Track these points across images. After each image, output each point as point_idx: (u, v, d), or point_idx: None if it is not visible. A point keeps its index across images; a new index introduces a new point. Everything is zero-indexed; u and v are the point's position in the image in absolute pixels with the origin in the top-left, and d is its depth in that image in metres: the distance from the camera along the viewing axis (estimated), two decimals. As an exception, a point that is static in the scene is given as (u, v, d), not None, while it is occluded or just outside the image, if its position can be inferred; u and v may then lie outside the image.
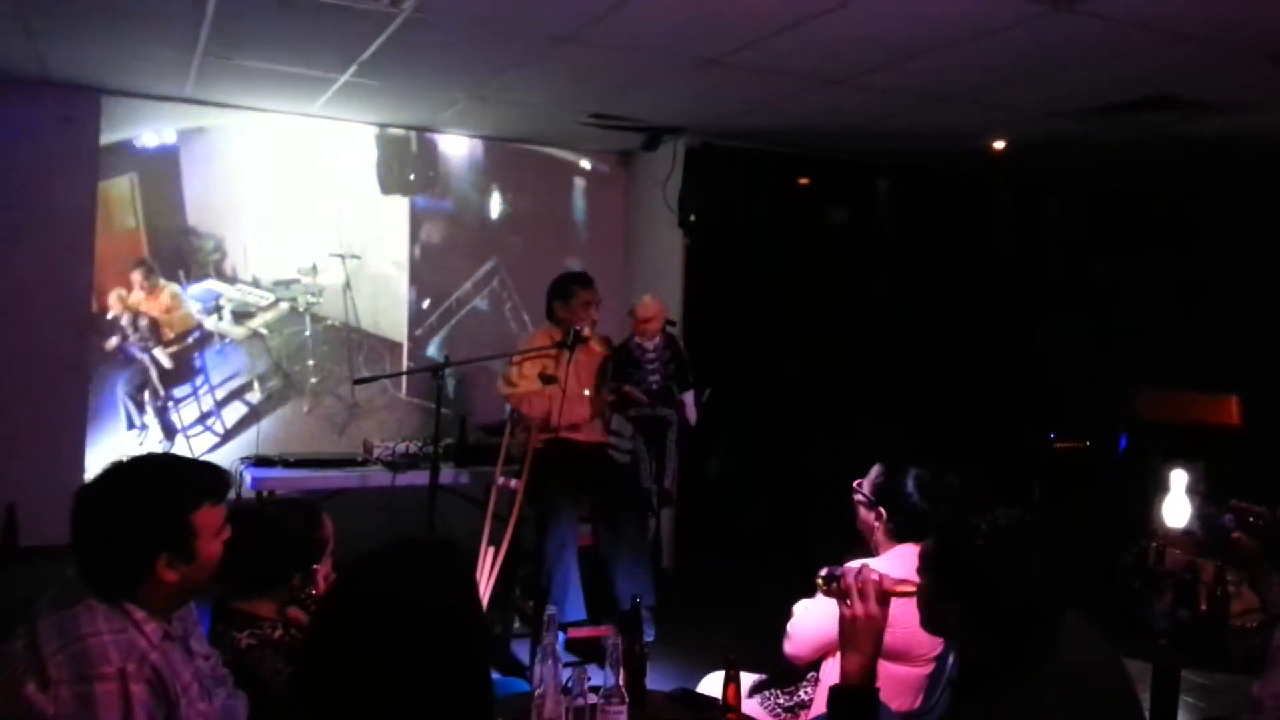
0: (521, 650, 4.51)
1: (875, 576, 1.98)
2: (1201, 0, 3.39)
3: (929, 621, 1.88)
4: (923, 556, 1.88)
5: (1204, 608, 2.97)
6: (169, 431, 5.84)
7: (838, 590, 1.99)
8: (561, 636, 4.05)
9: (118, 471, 1.83)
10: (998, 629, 1.74)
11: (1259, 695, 2.32)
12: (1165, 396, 6.28)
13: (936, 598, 1.82)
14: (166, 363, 5.83)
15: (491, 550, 4.25)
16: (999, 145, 5.80)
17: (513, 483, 4.48)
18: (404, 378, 6.34)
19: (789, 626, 2.66)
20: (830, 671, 2.64)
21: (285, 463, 4.79)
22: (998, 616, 1.73)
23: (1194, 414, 6.07)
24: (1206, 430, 6.02)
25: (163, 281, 5.80)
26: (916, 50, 4.08)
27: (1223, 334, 6.81)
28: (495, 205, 6.68)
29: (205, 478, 1.90)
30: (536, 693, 2.19)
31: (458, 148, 6.53)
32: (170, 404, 5.86)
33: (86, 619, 1.71)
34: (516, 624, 4.77)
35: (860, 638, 1.94)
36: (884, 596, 1.96)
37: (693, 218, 6.03)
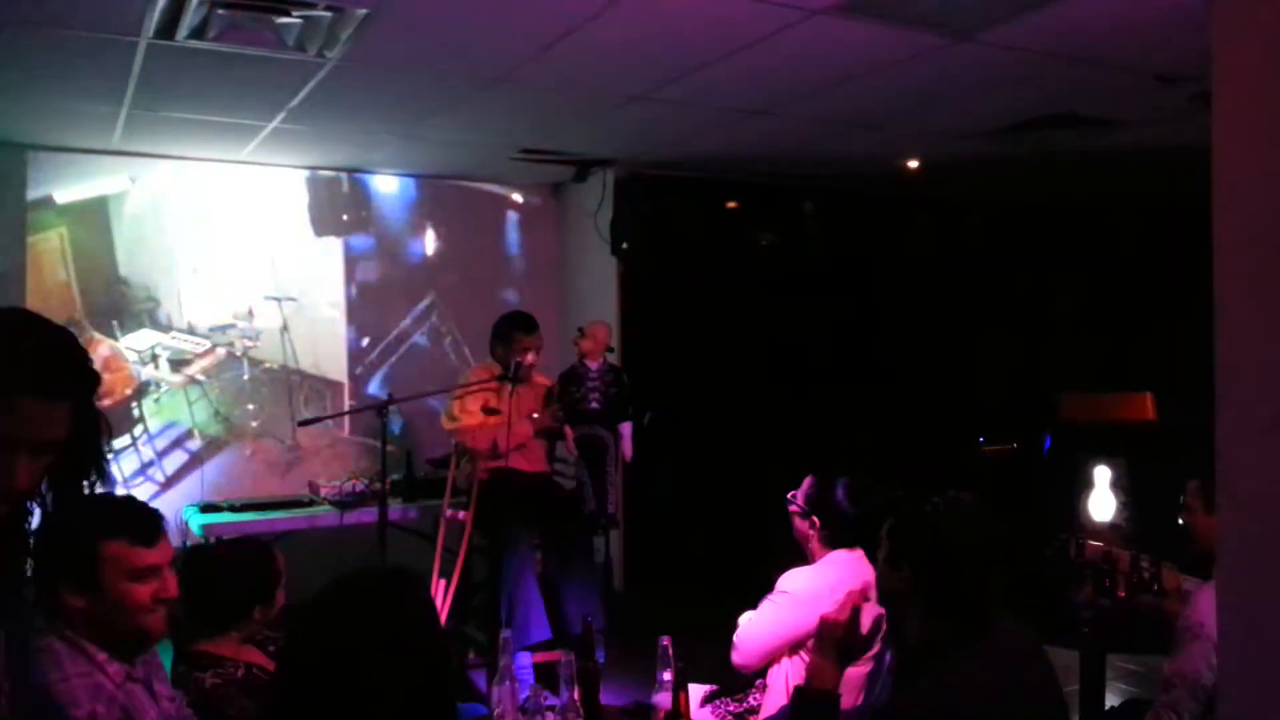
0: (479, 680, 4.56)
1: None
2: (1089, 29, 3.62)
3: (882, 592, 2.05)
4: (885, 530, 2.05)
5: (1122, 594, 3.16)
6: (108, 483, 5.77)
7: None
8: (525, 658, 4.13)
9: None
10: (940, 594, 1.89)
11: (1168, 674, 2.49)
12: (1085, 397, 6.55)
13: (891, 565, 1.99)
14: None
15: (443, 583, 4.31)
16: (913, 165, 6.04)
17: (461, 515, 4.55)
18: (346, 416, 6.37)
19: (735, 638, 2.78)
20: (776, 678, 2.76)
21: (232, 508, 4.80)
22: (941, 581, 1.89)
23: (1112, 412, 6.35)
24: (1125, 427, 6.30)
25: (97, 336, 5.76)
26: (830, 82, 4.28)
27: (1138, 335, 7.12)
28: (430, 241, 6.75)
29: (124, 514, 1.93)
30: (495, 713, 2.28)
31: (389, 187, 6.60)
32: (110, 455, 5.79)
33: (51, 663, 1.76)
34: (471, 655, 4.82)
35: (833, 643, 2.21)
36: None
37: (625, 245, 6.16)
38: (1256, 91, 1.15)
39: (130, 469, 5.85)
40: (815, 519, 2.74)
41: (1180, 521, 3.50)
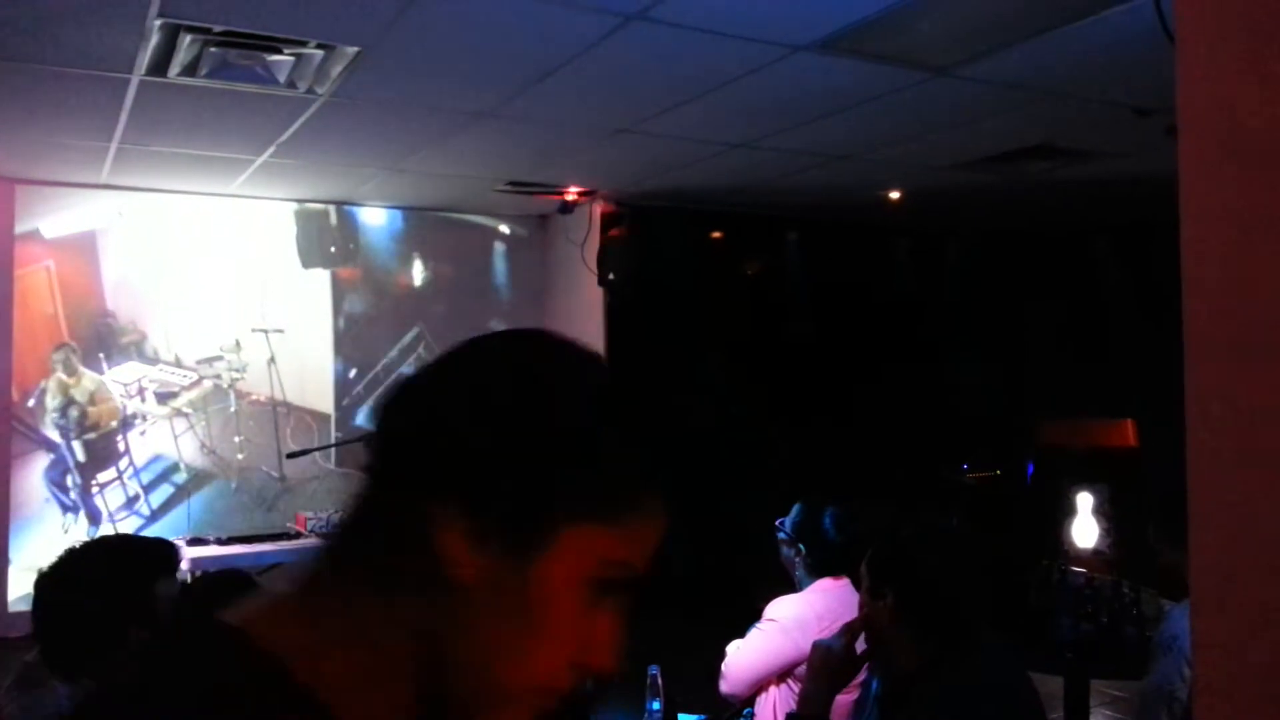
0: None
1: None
2: (1066, 63, 3.70)
3: (868, 627, 2.05)
4: (864, 564, 2.07)
5: (1104, 620, 3.20)
6: (93, 517, 5.77)
7: None
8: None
9: (75, 555, 1.91)
10: (924, 614, 1.91)
11: (1143, 690, 2.53)
12: (1067, 424, 6.61)
13: (873, 595, 2.00)
14: (89, 449, 5.77)
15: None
16: (895, 195, 6.13)
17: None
18: (334, 449, 6.36)
19: (723, 666, 2.81)
20: (764, 707, 2.78)
21: (219, 541, 4.80)
22: (923, 608, 1.91)
23: (1094, 439, 6.41)
24: (1107, 453, 6.37)
25: (83, 369, 5.76)
26: (812, 116, 4.36)
27: (1118, 361, 7.20)
28: (417, 273, 6.78)
29: (159, 551, 1.99)
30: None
31: (377, 219, 6.65)
32: (96, 489, 5.79)
33: (52, 702, 1.77)
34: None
35: (826, 671, 2.12)
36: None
37: (611, 276, 6.21)
38: (1218, 126, 1.19)
39: (116, 502, 5.83)
40: (800, 546, 2.77)
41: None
